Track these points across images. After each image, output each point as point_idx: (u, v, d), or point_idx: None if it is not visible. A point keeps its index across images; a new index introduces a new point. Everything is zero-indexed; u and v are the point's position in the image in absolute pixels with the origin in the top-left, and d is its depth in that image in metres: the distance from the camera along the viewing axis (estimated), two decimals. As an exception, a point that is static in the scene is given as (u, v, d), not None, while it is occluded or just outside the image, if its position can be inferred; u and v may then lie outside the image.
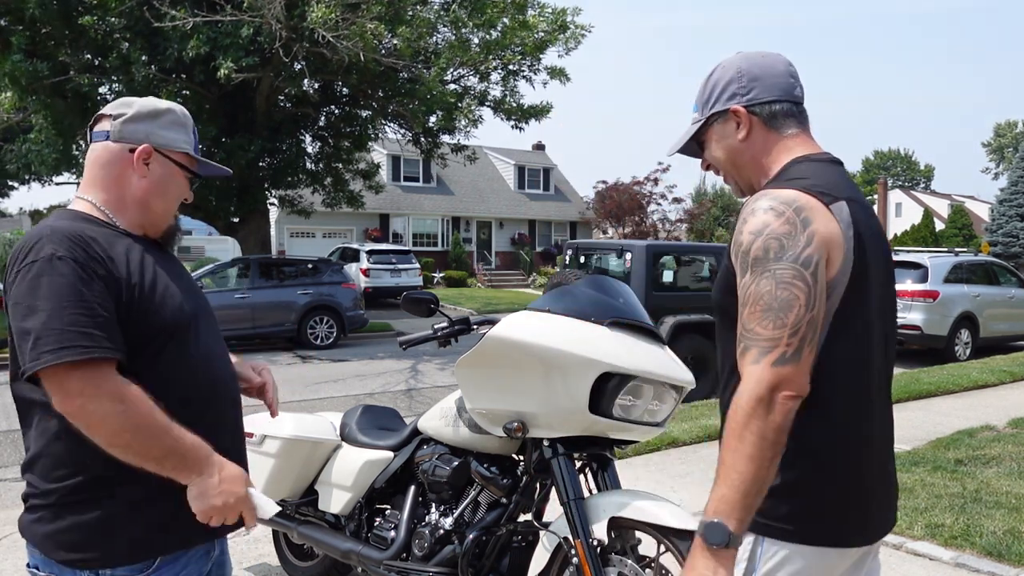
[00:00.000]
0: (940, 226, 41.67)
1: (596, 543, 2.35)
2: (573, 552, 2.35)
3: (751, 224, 1.40)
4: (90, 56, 12.77)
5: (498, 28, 13.77)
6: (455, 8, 13.54)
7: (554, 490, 2.54)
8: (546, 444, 2.53)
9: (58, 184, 22.96)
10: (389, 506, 3.12)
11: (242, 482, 1.54)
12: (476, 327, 2.89)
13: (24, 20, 11.69)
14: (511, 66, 14.26)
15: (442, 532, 2.78)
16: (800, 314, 1.34)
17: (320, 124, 16.18)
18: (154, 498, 1.55)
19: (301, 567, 3.61)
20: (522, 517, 2.73)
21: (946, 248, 18.97)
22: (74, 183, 20.26)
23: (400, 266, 22.12)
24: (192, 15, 11.23)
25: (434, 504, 2.88)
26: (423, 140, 15.92)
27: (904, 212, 50.89)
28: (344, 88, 15.08)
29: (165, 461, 1.46)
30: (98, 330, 1.43)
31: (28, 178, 23.06)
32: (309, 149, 16.30)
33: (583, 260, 12.23)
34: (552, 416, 2.41)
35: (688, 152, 1.69)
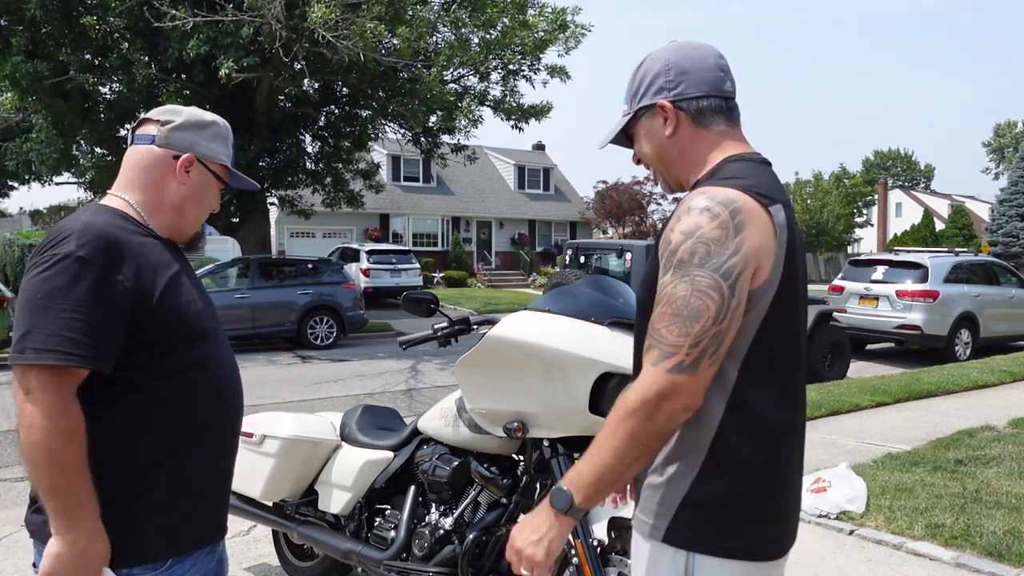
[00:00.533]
0: (940, 226, 41.68)
1: (596, 543, 2.35)
2: (573, 552, 2.35)
3: (684, 223, 1.35)
4: (90, 56, 12.77)
5: (498, 28, 13.77)
6: (455, 8, 13.54)
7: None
8: (546, 444, 2.53)
9: (58, 184, 22.97)
10: (389, 506, 3.12)
11: (102, 563, 1.48)
12: (476, 327, 2.89)
13: (25, 20, 11.70)
14: (511, 66, 14.27)
15: (442, 532, 2.78)
16: (706, 326, 1.31)
17: (320, 124, 16.19)
18: (167, 502, 1.56)
19: (301, 567, 3.61)
20: (522, 517, 2.72)
21: (946, 248, 18.96)
22: (74, 183, 20.26)
23: (400, 266, 22.12)
24: (192, 15, 11.23)
25: (434, 504, 2.88)
26: (423, 140, 15.92)
27: (904, 212, 50.88)
28: (344, 88, 15.09)
29: (51, 499, 1.43)
30: (88, 337, 1.43)
31: (28, 178, 23.06)
32: (309, 149, 16.30)
33: (583, 260, 12.22)
34: (552, 416, 2.41)
35: (621, 144, 1.64)
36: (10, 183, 27.87)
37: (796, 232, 1.44)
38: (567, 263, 12.22)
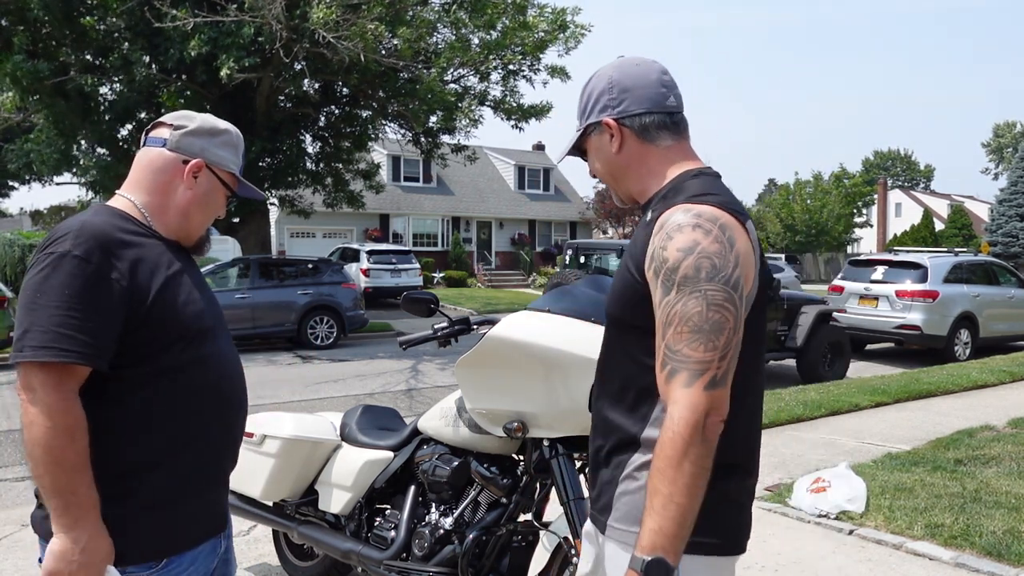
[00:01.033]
0: (940, 226, 41.70)
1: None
2: (573, 552, 2.35)
3: (679, 241, 1.35)
4: (91, 56, 12.77)
5: (498, 28, 13.78)
6: (455, 9, 13.55)
7: (554, 490, 2.55)
8: (546, 444, 2.53)
9: (58, 184, 22.97)
10: (389, 506, 3.12)
11: (105, 562, 1.48)
12: (476, 327, 2.89)
13: (26, 20, 11.70)
14: (511, 66, 14.27)
15: (442, 532, 2.78)
16: (729, 337, 1.33)
17: (320, 124, 16.18)
18: (166, 500, 1.57)
19: (301, 567, 3.61)
20: (522, 517, 2.73)
21: (946, 248, 18.96)
22: (74, 183, 20.26)
23: (400, 266, 22.13)
24: (193, 15, 11.23)
25: (434, 504, 2.88)
26: (423, 140, 15.92)
27: (904, 212, 50.91)
28: (344, 88, 15.09)
29: (51, 497, 1.45)
30: (84, 335, 1.45)
31: (28, 178, 23.07)
32: (309, 149, 16.30)
33: (583, 260, 12.23)
34: (552, 416, 2.41)
35: (580, 156, 1.68)
36: (10, 183, 27.88)
37: (760, 246, 1.49)
38: (567, 263, 12.24)
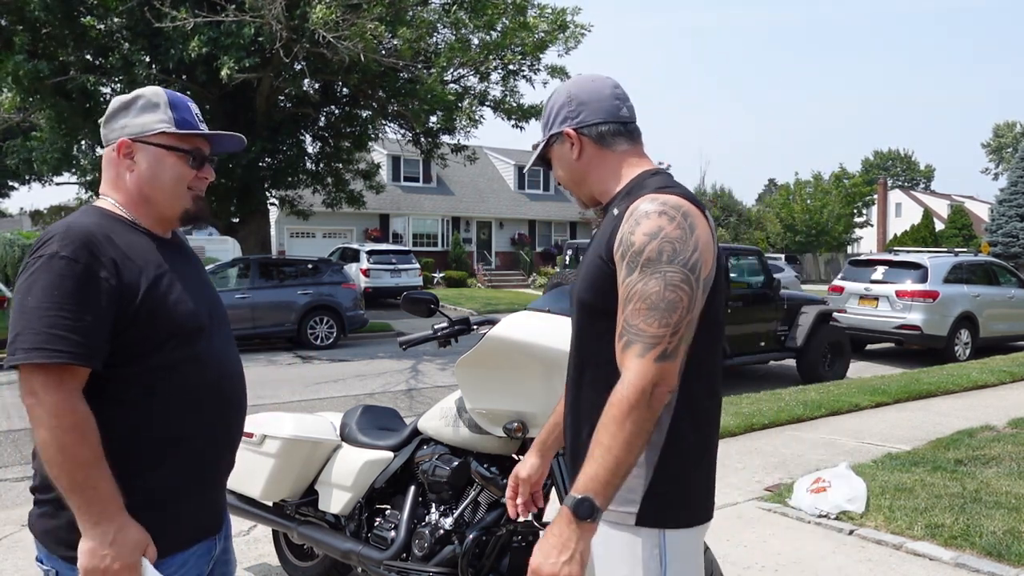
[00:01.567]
0: (940, 226, 41.70)
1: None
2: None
3: (645, 226, 1.49)
4: (91, 56, 12.77)
5: (498, 29, 13.78)
6: (455, 9, 13.55)
7: (554, 490, 2.55)
8: (546, 444, 2.52)
9: (58, 184, 22.96)
10: (389, 506, 3.12)
11: (137, 551, 1.48)
12: (476, 327, 2.89)
13: (26, 20, 11.69)
14: (511, 66, 14.27)
15: (442, 532, 2.78)
16: (682, 315, 1.45)
17: (320, 124, 16.18)
18: (159, 501, 1.57)
19: (301, 567, 3.61)
20: (522, 517, 2.72)
21: (946, 248, 18.96)
22: (74, 183, 20.26)
23: (400, 266, 22.13)
24: (193, 15, 11.23)
25: (434, 504, 2.88)
26: (423, 140, 15.92)
27: (904, 212, 50.92)
28: (344, 88, 15.09)
29: (72, 494, 1.44)
30: (75, 334, 1.44)
31: (28, 178, 23.07)
32: (309, 149, 16.30)
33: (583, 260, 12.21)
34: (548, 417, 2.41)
35: (545, 166, 1.82)
36: (10, 183, 27.88)
37: (716, 235, 1.63)
38: (567, 263, 12.23)
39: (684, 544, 1.57)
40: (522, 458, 2.72)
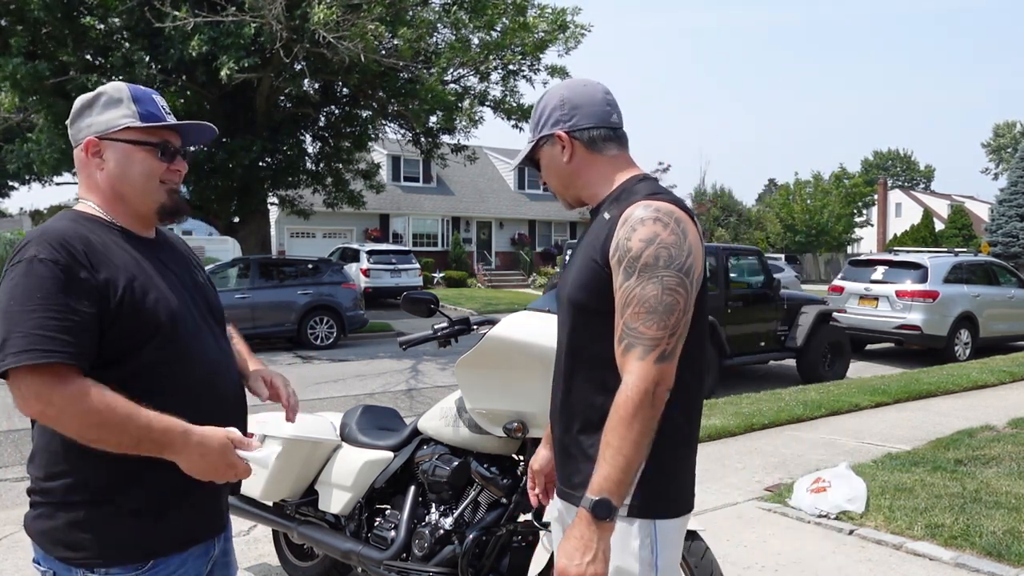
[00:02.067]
0: (940, 226, 41.70)
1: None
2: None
3: (641, 232, 1.54)
4: (91, 56, 12.77)
5: (498, 29, 13.78)
6: (455, 10, 13.55)
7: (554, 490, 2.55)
8: (546, 444, 2.53)
9: (58, 184, 22.95)
10: (389, 506, 3.12)
11: (222, 452, 1.53)
12: (476, 327, 2.89)
13: (25, 20, 11.69)
14: (511, 66, 14.28)
15: (442, 532, 2.78)
16: (679, 317, 1.53)
17: (320, 124, 16.18)
18: (155, 501, 1.56)
19: (301, 567, 3.61)
20: (522, 517, 2.73)
21: (946, 248, 18.96)
22: (74, 183, 20.24)
23: (400, 266, 22.13)
24: (193, 15, 11.23)
25: (434, 504, 2.88)
26: (423, 140, 15.92)
27: (904, 212, 50.92)
28: (344, 88, 15.09)
29: (140, 447, 1.47)
30: (65, 334, 1.44)
31: (28, 178, 23.06)
32: (309, 149, 16.30)
33: (583, 260, 12.20)
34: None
35: (530, 167, 1.85)
36: (10, 183, 27.86)
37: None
38: (567, 263, 12.23)
39: (673, 533, 1.65)
40: (522, 458, 2.75)
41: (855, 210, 42.82)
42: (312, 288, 13.39)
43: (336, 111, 15.98)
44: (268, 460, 1.57)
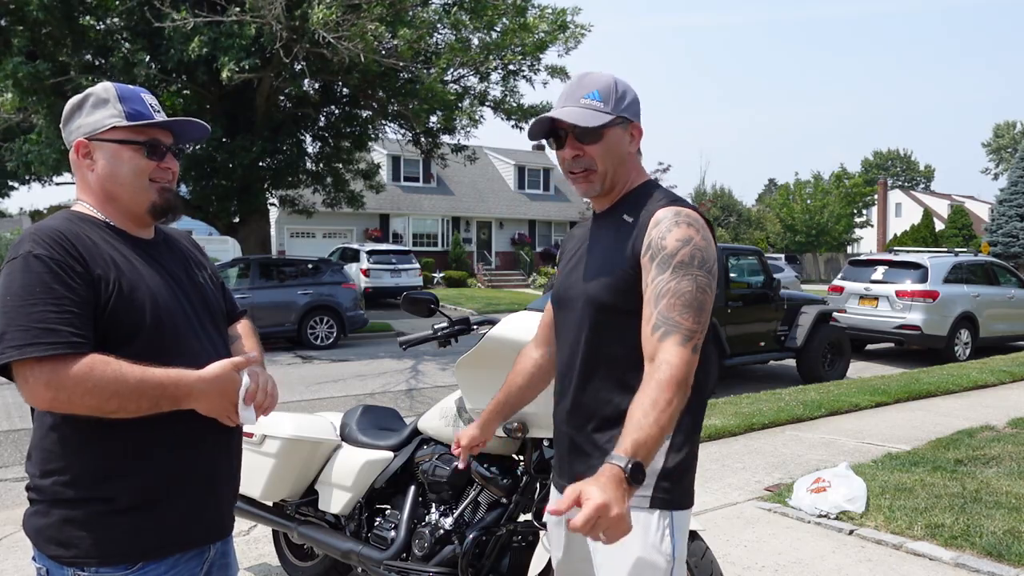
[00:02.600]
0: (940, 226, 41.71)
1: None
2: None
3: (676, 233, 1.65)
4: (91, 57, 12.77)
5: (498, 29, 13.78)
6: (456, 11, 13.55)
7: (553, 488, 2.54)
8: (546, 444, 2.53)
9: (58, 184, 22.93)
10: (389, 506, 3.12)
11: (224, 378, 1.57)
12: (476, 327, 2.89)
13: (25, 21, 11.69)
14: (511, 66, 14.27)
15: (442, 532, 2.78)
16: (706, 316, 1.62)
17: (320, 124, 16.18)
18: (146, 502, 1.56)
19: (301, 567, 3.61)
20: (522, 517, 2.73)
21: (946, 248, 18.95)
22: (74, 183, 20.22)
23: (400, 266, 22.12)
24: (193, 16, 11.23)
25: (434, 504, 2.88)
26: (423, 140, 15.92)
27: (904, 212, 50.93)
28: (344, 88, 15.08)
29: (160, 405, 1.51)
30: (64, 326, 1.45)
31: (28, 178, 23.04)
32: (309, 149, 16.29)
33: (583, 260, 12.20)
34: (552, 416, 2.41)
35: (550, 136, 1.79)
36: (10, 183, 27.84)
37: None
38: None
39: (684, 524, 1.73)
40: (522, 458, 2.74)
41: (855, 210, 42.82)
42: (312, 288, 13.39)
43: (336, 111, 15.98)
44: (251, 418, 1.62)
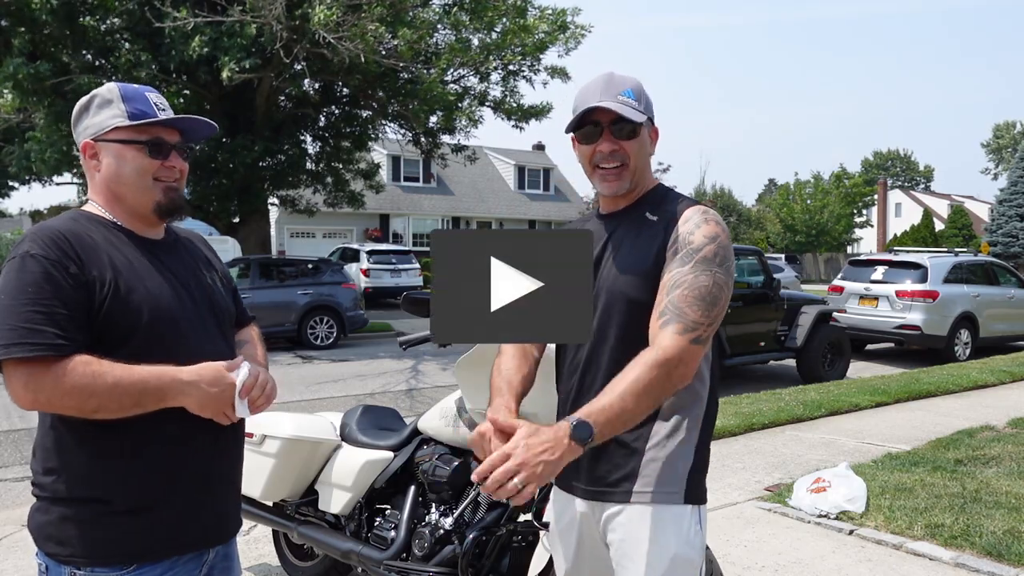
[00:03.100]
0: (940, 226, 41.72)
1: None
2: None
3: (706, 230, 1.70)
4: (91, 57, 12.77)
5: (498, 30, 13.78)
6: (456, 11, 13.56)
7: (552, 491, 2.54)
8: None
9: (58, 184, 22.95)
10: (389, 506, 3.12)
11: (216, 376, 1.57)
12: (476, 327, 2.89)
13: (26, 21, 11.69)
14: (511, 66, 14.28)
15: (442, 532, 2.78)
16: (720, 311, 1.66)
17: (320, 124, 16.19)
18: (142, 503, 1.56)
19: (301, 567, 3.61)
20: (522, 517, 2.73)
21: (946, 248, 18.95)
22: (74, 183, 20.24)
23: (400, 266, 22.11)
24: (193, 16, 11.24)
25: (434, 504, 2.88)
26: (423, 140, 15.93)
27: (904, 212, 50.94)
28: (344, 88, 15.09)
29: (143, 403, 1.50)
30: (49, 327, 1.45)
31: (28, 178, 23.05)
32: (310, 149, 16.30)
33: (583, 260, 12.22)
34: (552, 416, 2.40)
35: (574, 132, 1.81)
36: (10, 184, 27.84)
37: None
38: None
39: (706, 517, 1.81)
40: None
41: (855, 210, 42.82)
42: (312, 288, 13.39)
43: (336, 111, 15.99)
44: (244, 411, 1.61)
